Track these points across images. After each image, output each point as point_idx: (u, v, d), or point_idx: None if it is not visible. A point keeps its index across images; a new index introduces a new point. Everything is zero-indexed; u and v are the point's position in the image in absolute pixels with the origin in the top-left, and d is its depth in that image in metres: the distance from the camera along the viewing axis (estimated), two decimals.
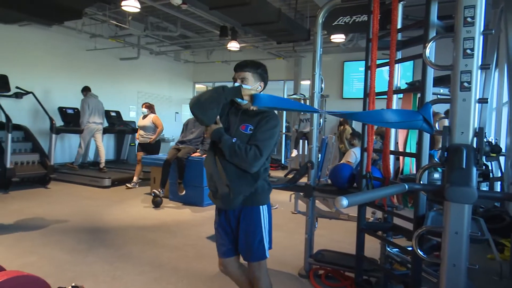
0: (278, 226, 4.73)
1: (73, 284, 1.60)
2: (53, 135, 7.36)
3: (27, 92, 7.26)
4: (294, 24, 7.05)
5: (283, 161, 11.19)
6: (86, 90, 7.71)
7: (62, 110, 7.91)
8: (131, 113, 10.52)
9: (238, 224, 2.04)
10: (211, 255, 3.16)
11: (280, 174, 6.76)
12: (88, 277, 3.01)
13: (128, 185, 6.82)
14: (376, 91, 2.48)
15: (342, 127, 8.75)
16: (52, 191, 6.44)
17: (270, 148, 1.99)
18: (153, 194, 5.52)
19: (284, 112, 11.89)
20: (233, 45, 8.35)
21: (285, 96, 11.42)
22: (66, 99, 8.24)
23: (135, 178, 6.85)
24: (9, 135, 6.04)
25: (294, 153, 8.81)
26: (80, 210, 5.18)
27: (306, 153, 6.68)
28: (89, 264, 3.30)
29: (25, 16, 6.67)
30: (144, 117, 6.79)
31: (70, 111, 7.96)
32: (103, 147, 7.91)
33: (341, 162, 4.99)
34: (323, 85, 3.15)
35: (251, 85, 2.00)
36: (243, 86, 1.94)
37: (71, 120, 7.82)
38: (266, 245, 2.05)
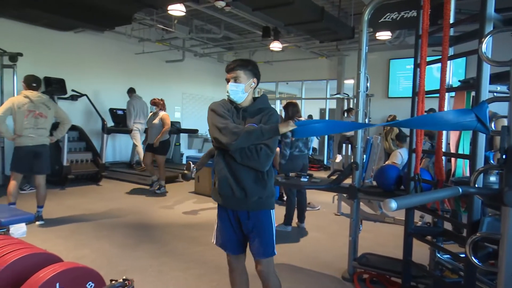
0: (320, 227, 4.66)
1: (124, 277, 1.67)
2: (105, 135, 7.78)
3: (82, 95, 7.71)
4: (338, 22, 6.92)
5: (325, 162, 11.02)
6: (131, 91, 8.03)
7: (112, 111, 8.33)
8: (176, 114, 10.85)
9: (250, 225, 2.07)
10: None
11: (322, 175, 6.66)
12: (136, 271, 3.14)
13: (157, 191, 6.35)
14: (425, 90, 2.37)
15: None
16: (103, 188, 6.79)
17: (276, 144, 2.09)
18: (185, 168, 5.45)
19: (327, 111, 11.71)
20: (276, 45, 8.35)
21: (328, 96, 11.25)
22: (116, 101, 8.66)
23: (162, 182, 6.43)
24: (66, 135, 6.46)
25: (338, 158, 8.62)
26: (129, 207, 5.42)
27: (350, 157, 6.49)
28: (137, 258, 3.45)
29: (80, 23, 7.13)
30: (154, 114, 6.34)
31: (120, 112, 8.36)
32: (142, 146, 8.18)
33: (387, 163, 4.83)
34: (368, 84, 3.06)
35: (244, 82, 2.06)
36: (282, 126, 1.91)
37: (121, 121, 8.21)
38: (274, 243, 2.12)
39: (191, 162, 5.34)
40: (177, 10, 6.18)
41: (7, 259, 1.81)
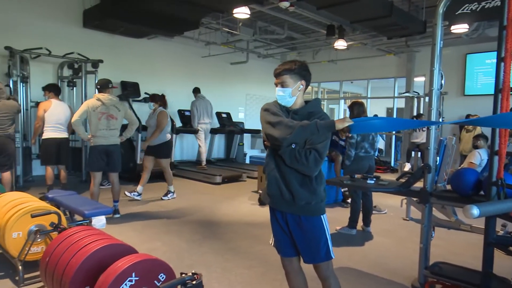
0: (388, 232, 4.46)
1: (193, 271, 1.75)
2: (174, 135, 8.20)
3: None
4: (408, 16, 6.57)
5: (392, 164, 10.52)
6: (196, 91, 8.34)
7: (180, 112, 8.76)
8: (240, 114, 11.10)
9: (299, 230, 2.04)
10: None
11: (389, 177, 6.36)
12: (202, 266, 3.26)
13: (127, 194, 5.57)
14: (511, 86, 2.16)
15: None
16: None
17: (327, 149, 2.01)
18: (259, 193, 5.73)
19: (395, 110, 11.16)
20: (340, 44, 8.16)
21: (396, 94, 10.72)
22: (184, 102, 9.09)
23: (138, 188, 5.68)
24: (139, 135, 6.94)
25: (407, 167, 8.19)
26: (195, 204, 5.66)
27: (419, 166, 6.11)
28: (202, 254, 3.58)
29: (153, 30, 7.62)
30: (153, 112, 5.70)
31: (187, 113, 8.76)
32: (206, 146, 8.45)
33: (464, 164, 4.48)
34: (443, 81, 2.86)
35: (291, 86, 2.02)
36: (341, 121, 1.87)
37: (188, 121, 8.59)
38: (331, 246, 2.07)
39: (262, 191, 5.51)
40: (242, 13, 6.32)
41: (91, 248, 1.99)
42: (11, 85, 6.10)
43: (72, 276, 1.93)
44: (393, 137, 10.85)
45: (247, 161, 9.88)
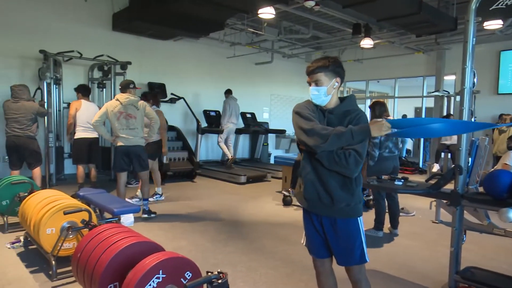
0: (416, 235, 4.35)
1: (218, 270, 1.76)
2: (199, 135, 8.32)
3: (179, 98, 8.35)
4: (438, 13, 6.38)
5: (420, 165, 10.24)
6: (227, 92, 8.43)
7: (206, 113, 8.86)
8: (265, 115, 11.11)
9: (334, 232, 2.00)
10: None
11: (417, 178, 6.20)
12: (227, 265, 3.28)
13: (151, 199, 5.24)
14: None
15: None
16: (197, 185, 7.25)
17: (366, 149, 1.94)
18: (283, 194, 5.71)
19: (424, 110, 10.86)
20: (367, 43, 8.02)
21: (425, 94, 10.44)
22: (209, 103, 9.19)
23: (156, 189, 5.64)
24: (165, 135, 7.06)
25: (435, 167, 7.95)
26: (220, 203, 5.71)
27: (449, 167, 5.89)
28: (228, 253, 3.60)
29: (179, 32, 7.74)
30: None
31: (212, 114, 8.85)
32: (231, 146, 8.50)
33: (496, 166, 4.30)
34: (475, 80, 2.76)
35: (326, 85, 1.95)
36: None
37: (213, 122, 8.68)
38: (366, 248, 2.03)
39: (284, 193, 5.58)
40: (267, 13, 6.33)
41: (120, 245, 2.04)
42: (44, 87, 6.35)
43: (102, 272, 1.99)
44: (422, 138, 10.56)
45: (272, 161, 9.88)
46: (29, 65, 6.82)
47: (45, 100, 6.16)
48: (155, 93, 5.78)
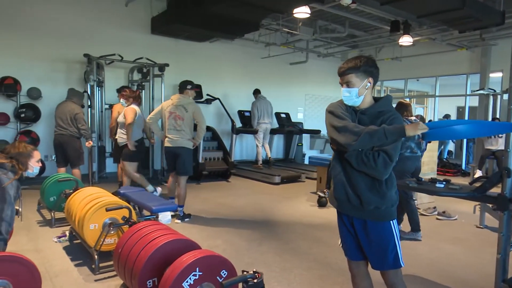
0: (458, 240, 4.16)
1: (254, 270, 1.77)
2: (234, 135, 8.40)
3: (215, 98, 8.47)
4: (483, 7, 6.06)
5: (463, 167, 9.78)
6: (256, 92, 8.44)
7: (240, 113, 8.93)
8: (299, 115, 11.04)
9: (365, 235, 1.95)
10: None
11: (460, 181, 5.91)
12: (261, 265, 3.29)
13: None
14: None
15: None
16: (232, 185, 7.33)
17: (398, 151, 1.86)
18: (318, 194, 5.65)
19: (467, 110, 10.36)
20: (406, 40, 7.76)
21: (468, 92, 9.96)
22: (243, 103, 9.26)
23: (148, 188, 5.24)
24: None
25: (478, 173, 7.56)
26: (254, 203, 5.73)
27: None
28: (262, 253, 3.61)
29: (215, 33, 7.87)
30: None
31: (247, 114, 8.91)
32: (264, 147, 8.49)
33: None
34: None
35: (357, 86, 1.89)
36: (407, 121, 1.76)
37: (248, 122, 8.74)
38: (400, 253, 1.95)
39: (320, 193, 5.49)
40: (302, 12, 6.28)
41: (159, 242, 2.10)
42: (88, 90, 6.67)
43: (142, 268, 2.05)
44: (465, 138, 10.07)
45: (306, 161, 9.80)
46: (75, 69, 7.18)
47: (89, 103, 6.47)
48: (136, 90, 5.45)
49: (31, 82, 6.61)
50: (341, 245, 2.14)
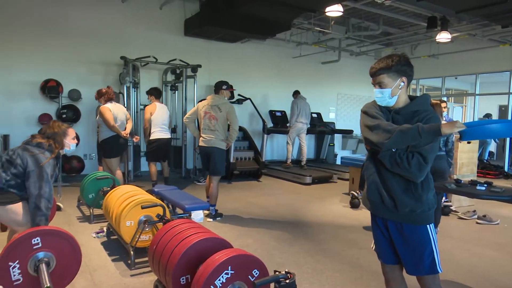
0: (500, 245, 3.96)
1: (286, 270, 1.77)
2: (265, 135, 8.41)
3: (246, 98, 8.52)
4: None
5: (506, 168, 9.29)
6: (296, 93, 8.41)
7: (272, 113, 8.93)
8: (331, 114, 10.90)
9: (400, 239, 1.89)
10: None
11: (503, 183, 5.61)
12: (292, 265, 3.28)
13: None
14: None
15: None
16: (263, 184, 7.35)
17: (435, 153, 1.78)
18: (351, 195, 5.55)
19: (510, 109, 9.83)
20: (443, 37, 7.47)
21: None
22: (275, 103, 9.25)
23: None
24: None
25: None
26: (286, 203, 5.72)
27: None
28: (293, 253, 3.60)
29: (247, 34, 7.91)
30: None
31: (278, 114, 8.90)
32: (306, 146, 8.47)
33: None
34: None
35: (390, 86, 1.84)
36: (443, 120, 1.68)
37: (279, 122, 8.72)
38: (437, 259, 1.87)
39: (354, 192, 5.31)
40: (334, 11, 6.19)
41: (192, 239, 2.14)
42: (124, 91, 6.90)
43: (176, 264, 2.10)
44: (508, 138, 9.56)
45: (338, 162, 9.66)
46: (112, 71, 7.45)
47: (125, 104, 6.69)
48: (104, 89, 5.23)
49: (71, 84, 6.92)
50: (374, 248, 2.09)
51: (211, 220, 4.59)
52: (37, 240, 2.27)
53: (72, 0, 7.02)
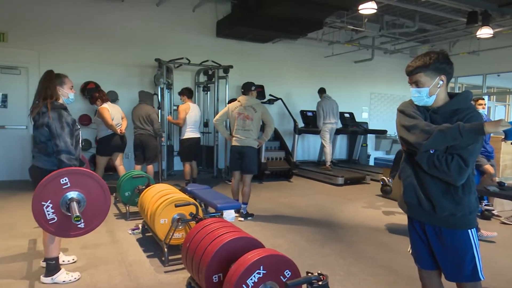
0: None
1: (319, 272, 1.75)
2: (296, 135, 8.37)
3: (277, 98, 8.51)
4: None
5: None
6: (321, 92, 8.28)
7: (303, 113, 8.87)
8: (364, 114, 10.69)
9: (439, 243, 1.81)
10: None
11: None
12: (324, 267, 3.23)
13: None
14: None
15: None
16: (294, 185, 7.31)
17: (476, 155, 1.69)
18: (381, 182, 5.02)
19: None
20: (485, 32, 7.13)
21: None
22: (306, 103, 9.18)
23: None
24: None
25: None
26: (317, 204, 5.66)
27: None
28: (324, 255, 3.55)
29: (279, 34, 7.91)
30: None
31: (309, 114, 8.82)
32: (330, 146, 8.31)
33: None
34: None
35: (428, 85, 1.76)
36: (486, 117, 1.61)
37: (310, 122, 8.64)
38: (479, 265, 1.79)
39: (385, 179, 4.94)
40: (368, 8, 6.07)
41: (225, 238, 2.17)
42: (159, 92, 7.08)
43: (208, 263, 2.13)
44: None
45: (371, 162, 9.45)
46: (147, 73, 7.68)
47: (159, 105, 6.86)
48: (98, 91, 5.58)
49: (109, 86, 7.18)
50: (410, 252, 2.03)
51: (242, 219, 4.63)
52: (65, 180, 2.42)
53: (110, 6, 7.29)
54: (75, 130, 2.77)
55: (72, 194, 2.45)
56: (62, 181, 2.41)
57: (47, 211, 2.41)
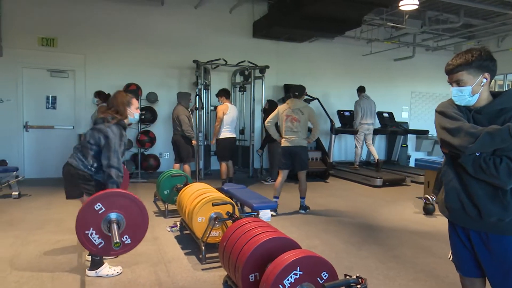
0: None
1: (357, 275, 1.72)
2: (333, 135, 8.25)
3: (314, 98, 8.42)
4: None
5: None
6: (360, 90, 8.12)
7: (340, 113, 8.72)
8: (404, 114, 10.34)
9: (486, 250, 1.71)
10: None
11: None
12: (361, 270, 3.17)
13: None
14: None
15: None
16: (330, 185, 7.21)
17: None
18: (424, 200, 5.18)
19: None
20: None
21: None
22: (343, 102, 9.03)
23: None
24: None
25: None
26: (354, 205, 5.55)
27: None
28: (362, 258, 3.48)
29: (316, 33, 7.83)
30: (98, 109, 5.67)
31: (346, 114, 8.66)
32: (373, 145, 8.14)
33: None
34: None
35: (470, 84, 1.67)
36: None
37: (347, 122, 8.49)
38: None
39: (428, 197, 5.04)
40: (409, 4, 5.87)
41: (261, 238, 2.18)
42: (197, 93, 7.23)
43: (245, 262, 2.15)
44: None
45: (411, 164, 9.13)
46: (185, 74, 7.87)
47: (196, 105, 7.00)
48: (108, 94, 5.77)
49: (149, 87, 7.43)
50: (451, 258, 1.94)
51: (302, 211, 5.03)
52: (99, 205, 2.48)
53: (151, 10, 7.53)
54: (124, 150, 2.93)
55: (111, 215, 2.51)
56: (96, 207, 2.48)
57: (93, 238, 2.50)
